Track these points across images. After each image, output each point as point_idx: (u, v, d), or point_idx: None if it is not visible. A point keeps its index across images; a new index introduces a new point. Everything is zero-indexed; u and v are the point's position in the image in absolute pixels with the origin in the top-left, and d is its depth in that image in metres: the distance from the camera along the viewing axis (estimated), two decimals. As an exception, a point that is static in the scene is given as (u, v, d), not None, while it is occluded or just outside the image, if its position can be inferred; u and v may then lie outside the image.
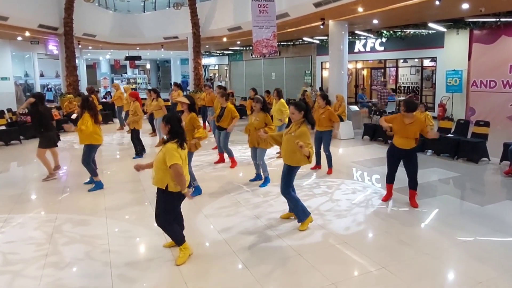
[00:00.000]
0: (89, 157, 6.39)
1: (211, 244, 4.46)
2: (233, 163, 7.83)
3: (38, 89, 18.79)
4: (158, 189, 3.89)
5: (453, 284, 3.65)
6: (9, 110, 12.03)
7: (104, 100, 18.54)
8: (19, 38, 15.78)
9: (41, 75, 20.45)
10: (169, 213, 3.98)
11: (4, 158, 9.12)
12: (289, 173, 4.67)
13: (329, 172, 7.24)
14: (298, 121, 4.53)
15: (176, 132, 3.85)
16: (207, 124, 11.49)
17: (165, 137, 3.94)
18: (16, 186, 6.80)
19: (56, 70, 20.74)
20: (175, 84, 12.84)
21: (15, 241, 4.58)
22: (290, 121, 5.88)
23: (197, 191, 6.04)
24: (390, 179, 5.70)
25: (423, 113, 9.20)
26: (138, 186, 6.62)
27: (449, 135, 8.81)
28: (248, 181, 6.74)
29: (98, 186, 6.50)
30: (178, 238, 4.03)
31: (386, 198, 5.76)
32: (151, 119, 10.64)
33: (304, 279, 3.66)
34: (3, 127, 10.91)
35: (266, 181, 6.58)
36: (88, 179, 6.69)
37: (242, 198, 5.93)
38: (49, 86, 21.01)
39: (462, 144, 8.24)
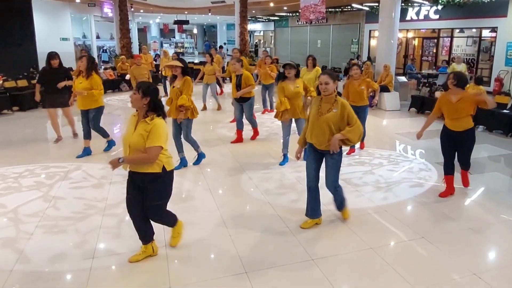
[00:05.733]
0: (100, 121, 6.31)
1: (254, 205, 4.69)
2: (256, 133, 7.36)
3: (94, 50, 19.70)
4: (149, 175, 3.11)
5: (495, 260, 3.67)
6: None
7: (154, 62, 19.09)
8: (78, 1, 16.47)
9: (97, 37, 21.37)
10: (168, 198, 3.36)
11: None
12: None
13: (362, 146, 6.78)
14: (332, 95, 3.83)
15: (157, 105, 3.16)
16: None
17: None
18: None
19: (111, 33, 21.52)
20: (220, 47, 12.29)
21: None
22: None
23: (200, 158, 5.92)
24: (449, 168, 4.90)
25: (475, 88, 8.79)
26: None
27: (504, 111, 8.40)
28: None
29: (112, 143, 6.59)
30: (174, 219, 3.60)
31: (445, 194, 4.89)
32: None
33: (344, 241, 3.83)
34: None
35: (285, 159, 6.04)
36: (106, 144, 6.59)
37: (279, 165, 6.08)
38: (104, 48, 21.96)
39: (518, 121, 7.86)
